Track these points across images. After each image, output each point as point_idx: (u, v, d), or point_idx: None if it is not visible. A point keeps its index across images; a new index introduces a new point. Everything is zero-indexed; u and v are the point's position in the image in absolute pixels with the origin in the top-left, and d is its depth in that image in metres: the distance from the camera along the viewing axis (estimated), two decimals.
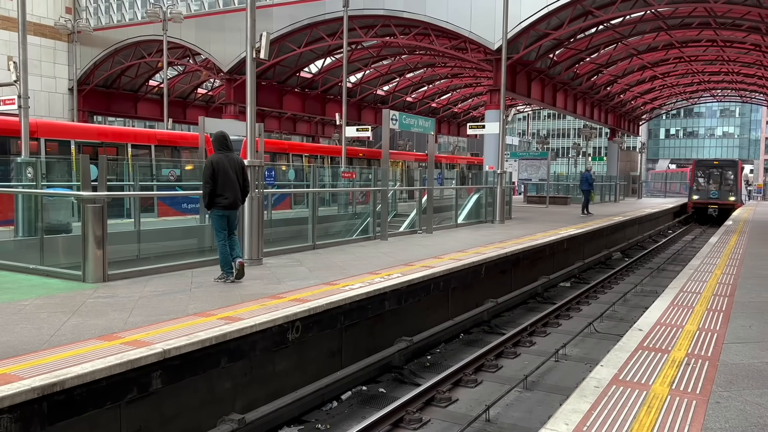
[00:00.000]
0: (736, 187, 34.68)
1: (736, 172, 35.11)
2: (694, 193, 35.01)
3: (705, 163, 37.35)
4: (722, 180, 34.12)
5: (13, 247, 10.75)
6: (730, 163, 36.39)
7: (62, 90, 39.58)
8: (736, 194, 34.58)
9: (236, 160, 8.30)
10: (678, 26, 31.30)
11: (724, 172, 34.79)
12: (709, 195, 34.16)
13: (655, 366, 4.97)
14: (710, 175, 34.95)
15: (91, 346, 5.09)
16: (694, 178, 35.43)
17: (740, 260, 11.01)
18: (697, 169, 35.88)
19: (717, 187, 34.38)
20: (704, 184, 34.45)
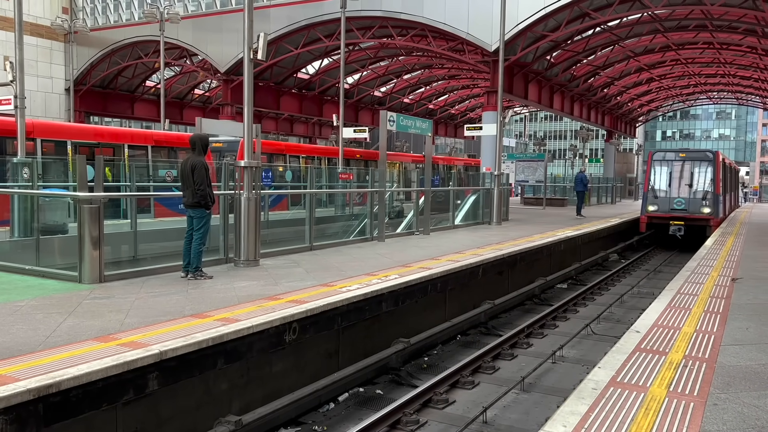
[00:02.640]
0: (712, 193, 21.16)
1: (713, 168, 21.51)
2: (649, 203, 21.94)
3: (666, 155, 22.83)
4: (692, 181, 21.66)
5: (9, 248, 10.71)
6: (703, 156, 22.34)
7: (59, 90, 39.49)
8: (713, 203, 21.06)
9: (190, 162, 8.53)
10: (675, 28, 31.39)
11: (695, 170, 21.81)
12: (672, 205, 21.47)
13: (653, 368, 4.97)
14: (673, 175, 22.14)
15: (88, 348, 5.07)
16: (649, 179, 22.40)
17: (737, 262, 11.04)
18: (655, 165, 22.50)
19: (684, 192, 21.98)
20: (665, 189, 21.95)
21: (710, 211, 20.66)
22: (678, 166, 21.69)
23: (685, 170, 21.51)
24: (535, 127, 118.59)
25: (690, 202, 21.05)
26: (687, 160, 21.76)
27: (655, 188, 21.85)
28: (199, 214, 8.48)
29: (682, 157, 21.94)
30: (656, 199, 21.64)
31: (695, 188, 21.17)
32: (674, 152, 22.40)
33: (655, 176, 22.11)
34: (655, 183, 21.98)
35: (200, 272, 8.46)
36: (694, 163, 21.58)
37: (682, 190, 21.43)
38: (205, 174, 8.42)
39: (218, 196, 9.96)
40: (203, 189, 8.39)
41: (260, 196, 9.93)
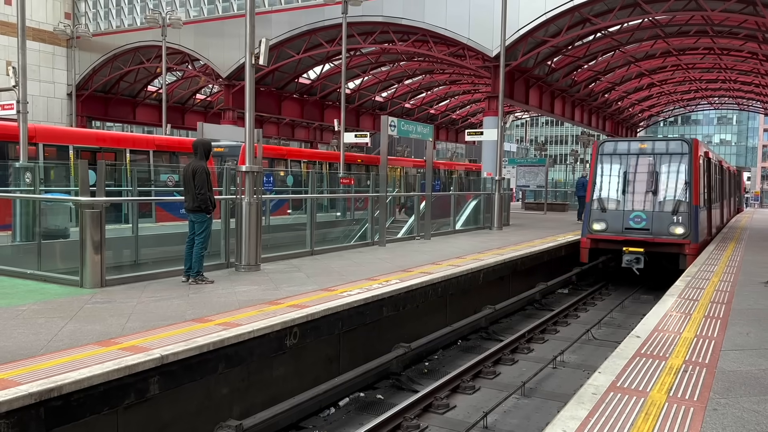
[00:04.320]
0: (688, 203, 13.92)
1: (689, 165, 14.17)
2: (594, 218, 14.60)
3: (618, 146, 15.20)
4: (656, 186, 14.24)
5: (11, 252, 10.73)
6: (674, 148, 14.61)
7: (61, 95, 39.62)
8: (688, 219, 13.81)
9: (192, 167, 8.55)
10: (675, 34, 31.46)
11: (662, 168, 14.52)
12: (627, 222, 14.23)
13: (653, 373, 4.98)
14: (630, 176, 14.57)
15: (89, 352, 5.08)
16: (593, 184, 14.94)
17: (738, 267, 11.03)
18: (602, 162, 15.04)
19: (645, 202, 14.39)
20: (617, 197, 14.56)
21: (684, 231, 13.29)
22: (636, 162, 14.25)
23: (648, 169, 14.07)
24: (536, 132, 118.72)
25: (654, 217, 13.67)
26: (650, 153, 14.18)
27: (602, 197, 14.25)
28: (200, 218, 8.51)
29: (643, 149, 14.27)
30: (603, 212, 14.11)
31: (662, 196, 13.80)
32: (631, 141, 14.83)
33: (602, 178, 14.51)
34: (602, 189, 14.36)
35: (201, 277, 8.48)
36: (661, 159, 14.09)
37: (643, 199, 13.95)
38: (206, 179, 8.45)
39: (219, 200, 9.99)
40: (204, 194, 8.41)
41: (261, 200, 9.95)
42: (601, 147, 15.11)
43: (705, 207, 14.86)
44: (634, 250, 13.76)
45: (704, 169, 14.97)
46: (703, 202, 14.48)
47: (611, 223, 14.16)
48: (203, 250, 8.55)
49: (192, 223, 8.60)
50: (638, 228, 13.80)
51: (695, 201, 13.67)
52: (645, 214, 13.86)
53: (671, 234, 13.56)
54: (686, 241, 13.42)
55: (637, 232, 13.77)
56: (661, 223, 13.66)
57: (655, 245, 13.73)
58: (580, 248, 14.78)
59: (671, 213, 13.66)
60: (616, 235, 13.98)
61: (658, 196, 13.95)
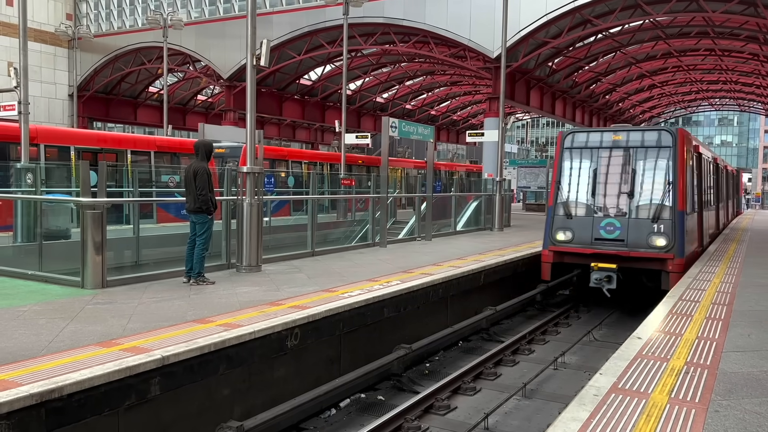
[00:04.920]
0: (672, 208, 11.27)
1: (674, 161, 11.51)
2: (557, 226, 12.08)
3: (589, 138, 12.36)
4: (633, 186, 11.65)
5: (12, 253, 10.74)
6: (654, 140, 11.80)
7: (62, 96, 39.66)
8: (672, 229, 11.16)
9: (193, 168, 8.56)
10: (676, 35, 31.47)
11: (640, 164, 11.82)
12: (597, 232, 11.70)
13: (654, 374, 4.97)
14: (601, 175, 11.99)
15: (90, 353, 5.08)
16: (557, 184, 12.39)
17: (739, 268, 11.02)
18: (568, 158, 12.45)
19: (619, 206, 11.77)
20: (585, 201, 12.01)
21: (666, 243, 10.99)
22: (609, 157, 11.86)
23: (623, 166, 11.74)
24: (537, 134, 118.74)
25: (630, 225, 11.30)
26: (626, 146, 11.72)
27: (567, 200, 11.90)
28: (201, 219, 8.51)
29: (617, 142, 11.83)
30: (569, 219, 11.79)
31: (640, 199, 11.42)
32: (602, 132, 12.19)
33: (568, 177, 12.11)
34: (568, 191, 11.99)
35: (202, 278, 8.48)
36: (639, 153, 11.66)
37: (617, 203, 11.60)
38: (208, 180, 8.45)
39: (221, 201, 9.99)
40: (205, 194, 8.42)
41: (262, 201, 9.95)
42: (566, 138, 12.29)
43: (694, 212, 12.32)
44: (605, 266, 11.22)
45: (694, 166, 12.53)
46: (692, 206, 12.01)
47: (578, 233, 11.66)
48: (204, 251, 8.57)
49: (193, 224, 8.61)
50: (611, 239, 11.36)
51: (681, 205, 11.11)
52: (619, 222, 11.38)
53: (651, 246, 11.06)
54: (669, 255, 10.89)
55: (609, 244, 11.35)
56: (639, 233, 11.18)
57: (630, 260, 11.18)
58: (541, 263, 12.15)
59: (651, 220, 11.17)
60: (583, 248, 11.51)
61: (636, 199, 11.40)
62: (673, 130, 11.71)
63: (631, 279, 11.69)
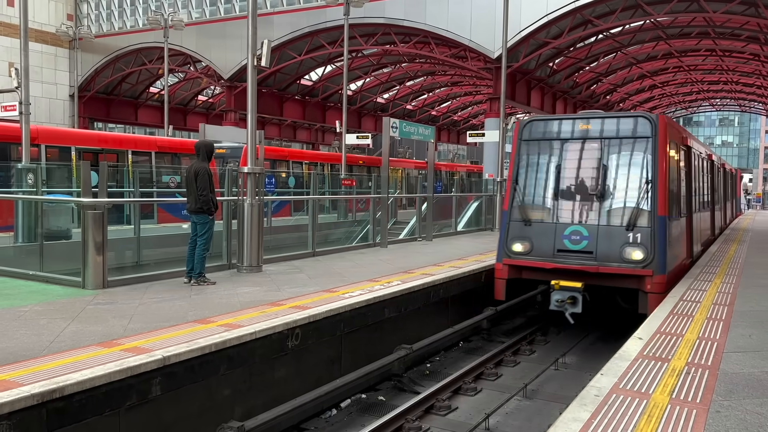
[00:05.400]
0: (651, 212, 9.13)
1: (653, 154, 9.32)
2: (512, 235, 9.90)
3: (548, 128, 10.19)
4: (603, 185, 9.49)
5: (13, 253, 10.74)
6: (628, 128, 9.67)
7: (63, 96, 39.68)
8: (651, 238, 9.01)
9: (194, 168, 8.58)
10: (677, 36, 31.47)
11: (611, 158, 9.62)
12: (560, 242, 9.47)
13: (656, 375, 4.97)
14: (565, 171, 9.86)
15: (91, 353, 5.09)
16: (514, 183, 10.21)
17: (740, 269, 11.01)
18: (526, 152, 10.28)
19: (586, 211, 9.60)
20: (546, 203, 9.91)
21: (644, 256, 8.97)
22: (576, 150, 9.89)
23: (591, 161, 9.72)
24: None
25: (600, 234, 9.28)
26: (596, 136, 9.77)
27: (524, 203, 10.00)
28: (201, 220, 8.52)
29: (585, 132, 9.87)
30: (527, 227, 9.81)
31: (611, 202, 9.43)
32: (566, 120, 10.18)
33: (525, 175, 10.20)
34: (526, 192, 10.10)
35: (203, 278, 8.48)
36: (612, 145, 9.65)
37: (584, 206, 9.61)
38: (208, 180, 8.46)
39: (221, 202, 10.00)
40: (206, 195, 8.43)
41: (263, 202, 9.95)
42: (524, 128, 10.27)
43: (681, 216, 10.36)
44: (568, 284, 9.16)
45: (681, 161, 10.55)
46: (677, 210, 10.01)
47: (537, 243, 9.57)
48: (205, 251, 8.57)
49: (194, 225, 8.62)
50: (576, 250, 9.22)
51: (662, 209, 9.05)
52: (587, 230, 9.27)
53: (625, 260, 8.96)
54: (647, 271, 8.81)
55: (574, 257, 9.22)
56: (610, 244, 9.08)
57: (600, 277, 9.09)
58: (495, 279, 10.03)
59: (625, 228, 9.06)
60: (543, 261, 9.42)
61: (607, 202, 9.34)
62: (653, 117, 9.42)
63: (604, 299, 9.71)
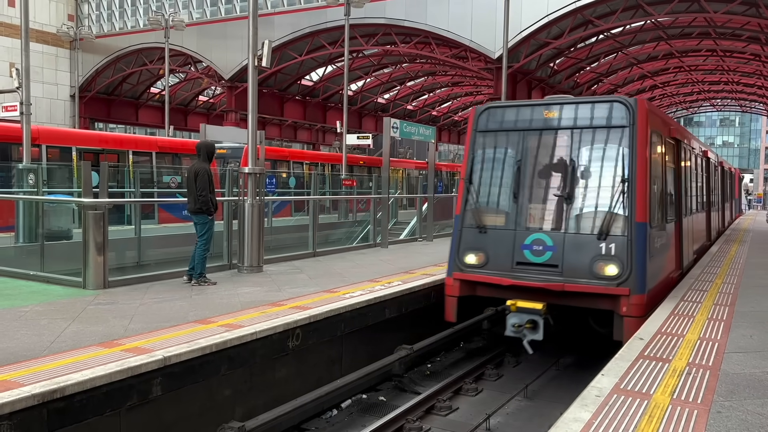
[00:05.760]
0: (628, 218, 7.55)
1: (630, 146, 7.73)
2: (465, 246, 8.33)
3: (505, 117, 8.52)
4: (571, 186, 7.90)
5: (14, 254, 10.75)
6: (606, 115, 7.95)
7: (64, 97, 39.69)
8: (626, 247, 7.46)
9: (194, 169, 8.61)
10: (678, 36, 31.45)
11: (581, 153, 8.02)
12: (520, 252, 7.90)
13: (657, 375, 4.96)
14: (526, 168, 8.23)
15: (92, 353, 5.09)
16: (468, 183, 8.62)
17: (741, 270, 11.00)
18: (482, 144, 8.65)
19: (551, 214, 8.02)
20: (503, 208, 8.36)
21: (619, 272, 7.51)
22: (539, 144, 8.41)
23: (555, 155, 8.33)
24: None
25: (567, 244, 7.85)
26: (562, 125, 8.29)
27: (479, 206, 8.49)
28: (201, 220, 8.53)
29: (550, 120, 8.36)
30: (482, 234, 8.33)
31: (581, 206, 8.02)
32: (528, 107, 8.59)
33: (480, 173, 8.71)
34: (481, 192, 8.61)
35: (204, 278, 8.48)
36: (580, 137, 8.17)
37: (548, 211, 8.18)
38: (208, 180, 8.47)
39: (222, 202, 10.00)
40: (205, 195, 8.44)
41: (264, 202, 9.95)
42: (480, 117, 8.66)
43: (667, 222, 8.80)
44: (527, 305, 7.68)
45: (667, 155, 8.98)
46: (662, 215, 8.47)
47: (494, 254, 8.06)
48: (205, 251, 8.58)
49: (195, 225, 8.64)
50: (539, 263, 7.74)
51: (641, 214, 7.54)
52: (551, 239, 7.76)
53: (596, 276, 7.46)
54: (623, 289, 7.31)
55: (536, 271, 7.72)
56: (579, 256, 7.60)
57: (566, 296, 7.58)
58: (445, 296, 8.54)
59: (597, 237, 7.56)
60: (499, 276, 7.89)
61: (575, 206, 7.85)
62: (630, 102, 7.84)
63: (575, 320, 8.33)
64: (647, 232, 7.62)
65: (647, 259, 7.56)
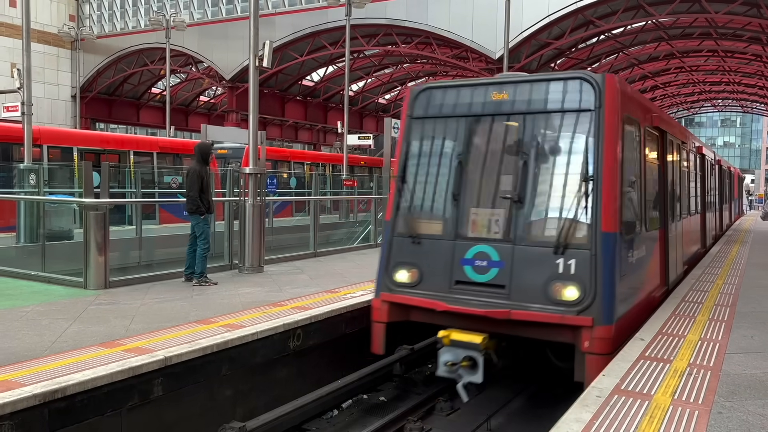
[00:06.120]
0: (592, 227, 5.85)
1: (596, 134, 5.98)
2: (396, 260, 6.60)
3: (445, 99, 6.81)
4: (524, 183, 6.18)
5: (15, 254, 10.76)
6: (566, 96, 6.21)
7: (65, 97, 39.71)
8: (589, 265, 5.76)
9: (187, 170, 8.77)
10: (679, 36, 31.42)
11: (538, 141, 6.27)
12: (458, 269, 6.22)
13: (657, 376, 4.96)
14: (467, 164, 6.52)
15: (93, 353, 5.09)
16: (398, 177, 6.81)
17: (742, 270, 10.99)
18: (420, 135, 6.89)
19: (498, 221, 6.24)
20: (441, 211, 6.63)
21: (579, 296, 5.78)
22: (485, 133, 6.67)
23: (505, 147, 6.54)
24: None
25: (516, 259, 6.07)
26: (515, 110, 6.48)
27: (412, 210, 6.78)
28: (194, 220, 8.57)
29: (499, 105, 6.56)
30: (416, 245, 6.58)
31: (533, 210, 6.24)
32: (473, 87, 6.75)
33: (416, 170, 6.91)
34: (414, 193, 6.85)
35: (205, 278, 8.49)
36: (535, 124, 6.39)
37: (494, 216, 6.35)
38: (196, 180, 8.46)
39: (222, 202, 10.01)
40: (191, 195, 8.48)
41: (265, 202, 9.96)
42: (416, 100, 7.04)
43: (647, 229, 7.13)
44: (462, 338, 6.14)
45: (648, 149, 7.32)
46: (640, 221, 6.82)
47: (428, 270, 6.45)
48: (205, 251, 8.56)
49: (191, 225, 8.68)
50: (482, 282, 6.15)
51: (609, 221, 5.92)
52: (498, 252, 6.14)
53: (551, 301, 5.88)
54: (584, 319, 5.73)
55: (477, 294, 6.11)
56: (532, 274, 6.01)
57: (515, 326, 6.00)
58: (371, 322, 6.84)
59: (553, 250, 5.95)
60: (433, 299, 6.24)
61: (527, 210, 6.22)
62: (597, 79, 6.13)
63: (530, 353, 6.86)
64: (617, 243, 5.90)
65: (616, 279, 5.86)
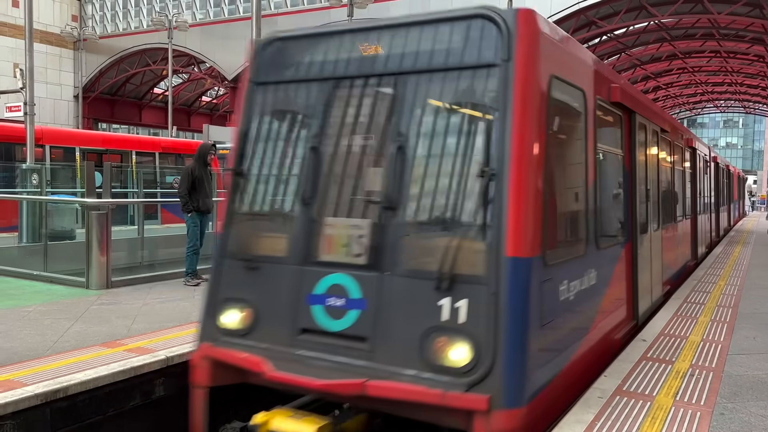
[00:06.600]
0: (492, 249, 3.61)
1: (503, 101, 3.65)
2: (225, 294, 4.27)
3: (306, 58, 4.51)
4: (399, 179, 3.91)
5: (17, 254, 10.78)
6: (458, 46, 3.82)
7: (67, 97, 39.77)
8: (492, 309, 3.50)
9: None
10: (681, 37, 31.37)
11: (416, 111, 3.97)
12: (307, 309, 3.97)
13: (659, 377, 4.95)
14: (324, 156, 4.25)
15: (95, 353, 5.10)
16: (235, 170, 4.48)
17: (744, 271, 10.98)
18: (261, 109, 4.70)
19: (363, 236, 3.95)
20: (288, 222, 4.37)
21: (473, 360, 3.53)
22: (348, 103, 4.31)
23: (374, 127, 4.20)
24: None
25: (384, 295, 3.83)
26: (384, 72, 4.23)
27: (250, 220, 4.62)
28: (185, 218, 8.58)
29: (369, 63, 4.30)
30: (250, 271, 4.28)
31: (411, 221, 3.96)
32: (335, 36, 4.70)
33: (260, 160, 4.62)
34: (253, 193, 4.65)
35: (192, 276, 8.37)
36: (416, 88, 4.05)
37: (355, 230, 4.07)
38: (185, 179, 8.44)
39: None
40: (180, 192, 8.50)
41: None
42: (260, 57, 5.05)
43: (601, 247, 5.10)
44: (288, 428, 4.02)
45: (603, 133, 5.41)
46: (590, 236, 4.87)
47: (265, 310, 4.24)
48: (190, 249, 8.47)
49: None
50: (335, 333, 3.95)
51: (516, 241, 3.67)
52: (360, 285, 3.93)
53: (430, 366, 3.66)
54: (477, 399, 3.47)
55: (328, 349, 3.94)
56: (404, 321, 3.79)
57: (376, 403, 3.86)
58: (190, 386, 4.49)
59: (435, 284, 3.70)
60: (266, 357, 4.02)
61: (403, 221, 3.98)
62: (506, 16, 3.85)
63: None
64: (531, 274, 3.77)
65: (531, 330, 3.76)
